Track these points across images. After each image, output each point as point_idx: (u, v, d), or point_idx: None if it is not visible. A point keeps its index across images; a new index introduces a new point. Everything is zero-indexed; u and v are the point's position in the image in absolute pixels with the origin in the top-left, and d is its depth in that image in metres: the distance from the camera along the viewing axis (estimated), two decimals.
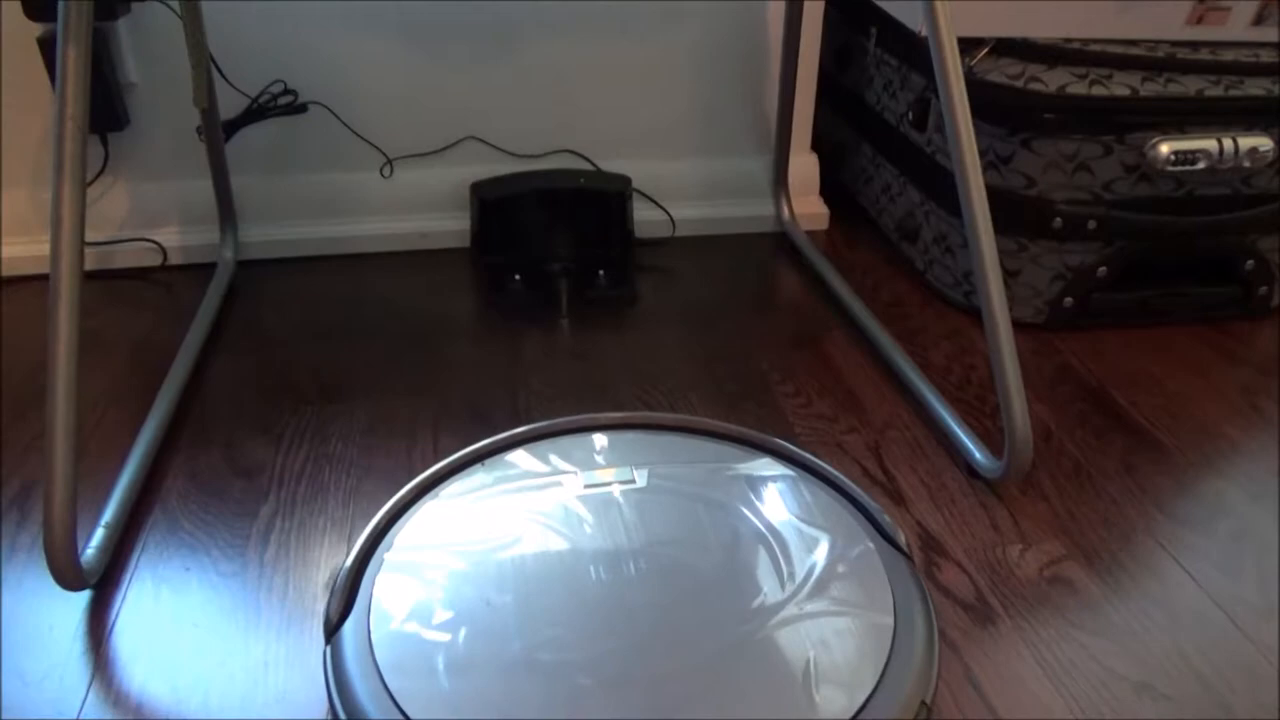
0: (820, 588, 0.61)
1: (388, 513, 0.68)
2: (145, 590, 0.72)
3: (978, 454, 0.84)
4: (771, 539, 0.65)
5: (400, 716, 0.53)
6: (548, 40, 1.16)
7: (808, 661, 0.56)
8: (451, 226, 1.21)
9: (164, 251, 1.16)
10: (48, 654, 0.67)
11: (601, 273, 1.15)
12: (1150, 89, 0.96)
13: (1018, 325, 1.04)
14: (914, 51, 1.11)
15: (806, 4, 1.14)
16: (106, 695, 0.64)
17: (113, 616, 0.70)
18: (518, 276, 1.14)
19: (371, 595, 0.61)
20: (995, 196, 0.98)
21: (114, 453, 0.85)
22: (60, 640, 0.68)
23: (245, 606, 0.71)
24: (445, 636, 0.58)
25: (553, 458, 0.72)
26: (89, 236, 1.14)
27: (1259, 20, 1.02)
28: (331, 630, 0.60)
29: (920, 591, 0.62)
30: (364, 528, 0.68)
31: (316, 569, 0.74)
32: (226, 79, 1.10)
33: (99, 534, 0.74)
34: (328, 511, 0.80)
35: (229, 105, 1.12)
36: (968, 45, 1.00)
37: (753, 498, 0.68)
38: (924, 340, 1.05)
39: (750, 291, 1.16)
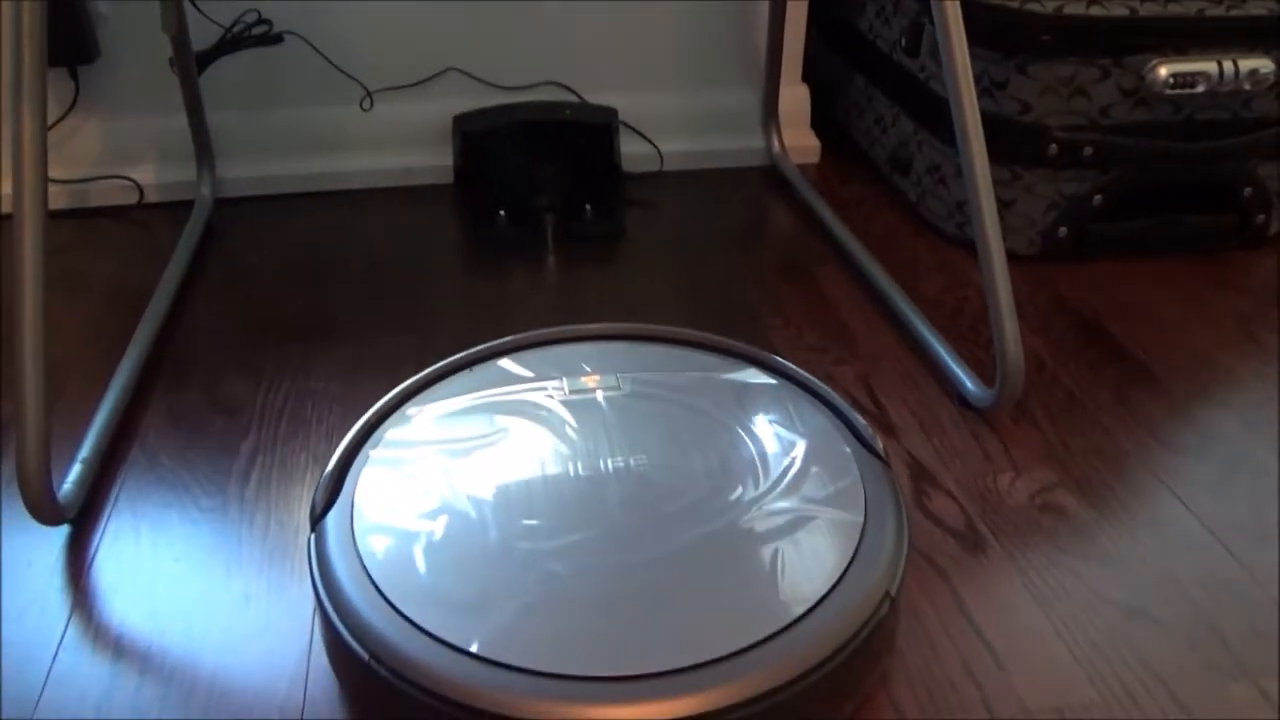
0: (794, 487, 0.62)
1: (375, 413, 0.68)
2: (125, 526, 0.71)
3: (969, 384, 0.83)
4: (750, 441, 0.65)
5: (379, 597, 0.54)
6: None
7: (776, 553, 0.57)
8: (434, 161, 1.18)
9: (140, 189, 1.14)
10: (26, 588, 0.66)
11: (588, 207, 1.13)
12: (1150, 9, 0.93)
13: (1011, 257, 1.01)
14: None
15: None
16: (86, 628, 0.63)
17: (92, 551, 0.69)
18: (502, 212, 1.11)
19: (355, 488, 0.62)
20: (989, 123, 0.95)
21: (91, 390, 0.83)
22: (39, 575, 0.67)
23: (226, 541, 0.70)
24: (424, 525, 0.59)
25: (539, 365, 0.73)
26: (63, 174, 1.12)
27: None
28: (316, 520, 0.61)
29: (893, 493, 0.62)
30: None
31: (298, 504, 0.73)
32: (198, 7, 1.07)
33: (76, 469, 0.73)
34: (309, 447, 0.79)
35: (202, 36, 1.08)
36: None
37: (734, 403, 0.69)
38: (916, 272, 1.04)
39: (740, 226, 1.14)
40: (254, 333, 0.93)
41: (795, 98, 1.25)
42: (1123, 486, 0.76)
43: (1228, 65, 0.94)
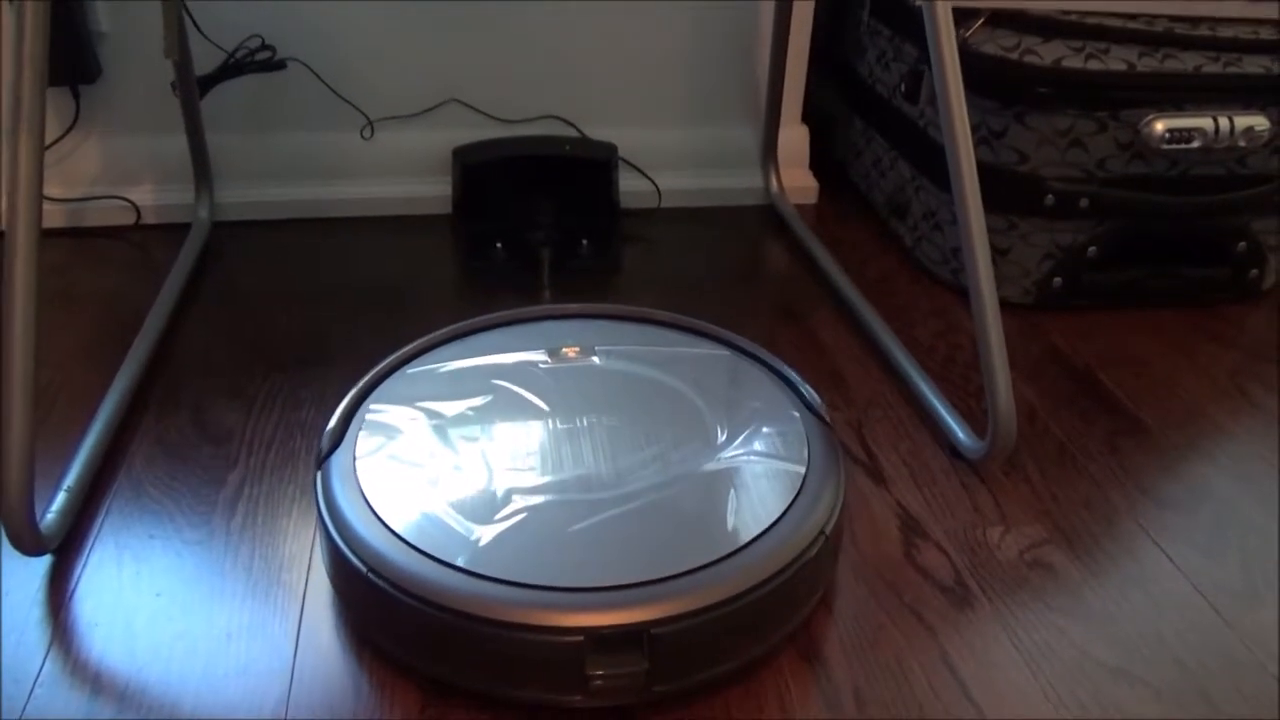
0: (746, 443, 0.70)
1: (376, 373, 0.77)
2: (108, 556, 0.70)
3: (961, 434, 0.83)
4: (709, 405, 0.73)
5: (376, 520, 0.63)
6: (536, 3, 1.13)
7: (726, 494, 0.65)
8: (432, 191, 1.18)
9: (137, 210, 1.14)
10: (4, 620, 0.65)
11: (585, 242, 1.13)
12: (1147, 64, 0.94)
13: (1005, 305, 1.02)
14: (908, 22, 1.08)
15: None
16: (64, 663, 0.62)
17: (73, 583, 0.68)
18: (499, 244, 1.12)
19: (358, 434, 0.70)
20: (986, 172, 0.96)
21: (79, 415, 0.83)
22: (17, 606, 0.66)
23: (210, 575, 0.69)
24: (417, 463, 0.67)
25: (525, 337, 0.81)
26: (60, 193, 1.12)
27: None
28: (322, 460, 0.69)
29: (834, 451, 0.70)
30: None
31: (283, 539, 0.72)
32: (202, 32, 1.07)
33: (60, 498, 0.73)
34: (297, 479, 0.78)
35: (205, 60, 1.08)
36: (962, 16, 0.97)
37: (697, 373, 0.77)
38: (910, 317, 1.04)
39: (736, 265, 1.14)
40: (246, 358, 0.93)
41: (794, 138, 1.26)
42: (1112, 542, 0.76)
43: (1223, 122, 0.95)
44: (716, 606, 0.58)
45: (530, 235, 1.13)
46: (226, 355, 0.93)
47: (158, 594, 0.68)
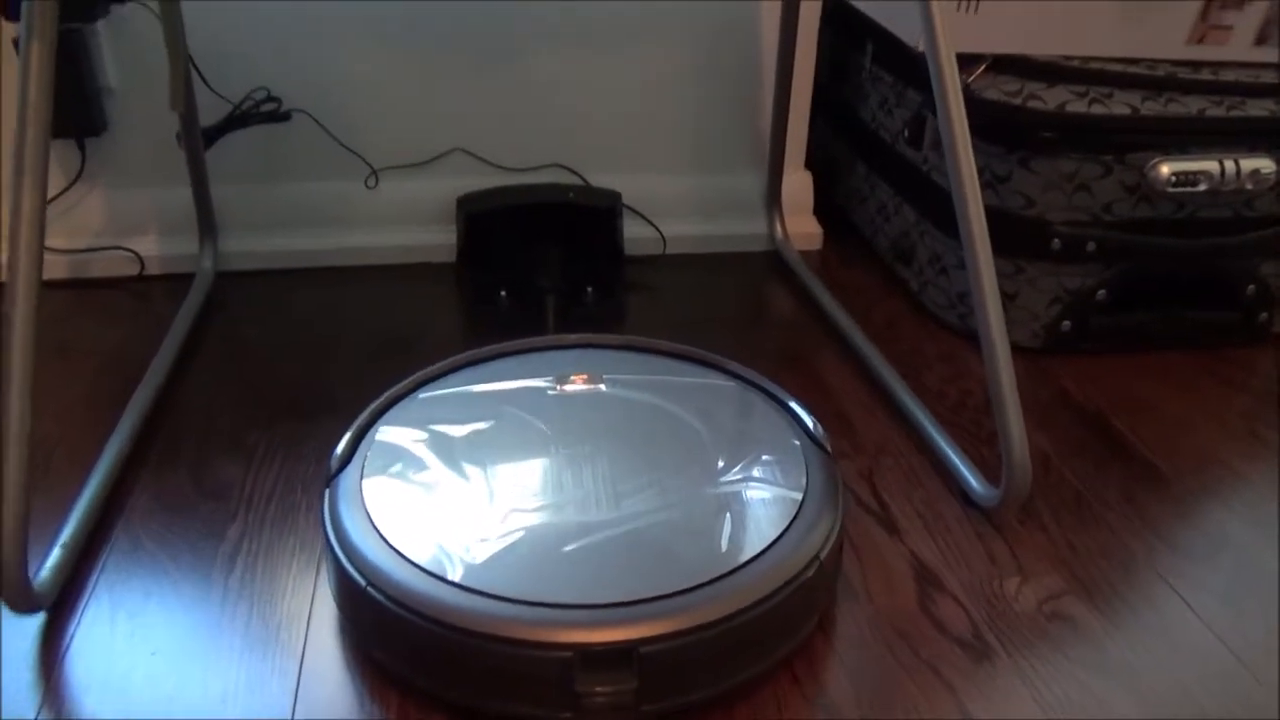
0: (745, 469, 0.71)
1: (384, 401, 0.78)
2: (102, 614, 0.69)
3: (974, 482, 0.82)
4: (710, 432, 0.74)
5: (377, 536, 0.64)
6: (539, 51, 1.14)
7: (722, 518, 0.66)
8: (437, 240, 1.18)
9: (141, 261, 1.13)
10: None
11: (590, 290, 1.12)
12: (1151, 108, 0.94)
13: (1014, 349, 1.01)
14: (910, 67, 1.09)
15: (801, 18, 1.13)
16: None
17: (66, 642, 0.67)
18: (504, 293, 1.11)
19: (366, 454, 0.72)
20: (992, 217, 0.95)
21: (77, 469, 0.82)
22: (9, 665, 0.64)
23: (206, 635, 0.67)
24: (422, 484, 0.69)
25: (533, 365, 0.83)
26: (65, 244, 1.11)
27: (1261, 40, 1.00)
28: (331, 478, 0.71)
29: (833, 478, 0.71)
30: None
31: (282, 597, 0.71)
32: (208, 84, 1.08)
33: (55, 554, 0.71)
34: (297, 533, 0.77)
35: (211, 111, 1.09)
36: (965, 62, 0.98)
37: (700, 401, 0.78)
38: (918, 363, 1.03)
39: (741, 311, 1.13)
40: (247, 410, 0.92)
41: (798, 184, 1.26)
42: (1132, 592, 0.74)
43: (1229, 165, 0.94)
44: (707, 627, 0.59)
45: (535, 283, 1.12)
46: (228, 407, 0.92)
47: (153, 653, 0.66)
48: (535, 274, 1.13)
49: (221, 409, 0.92)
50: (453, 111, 1.15)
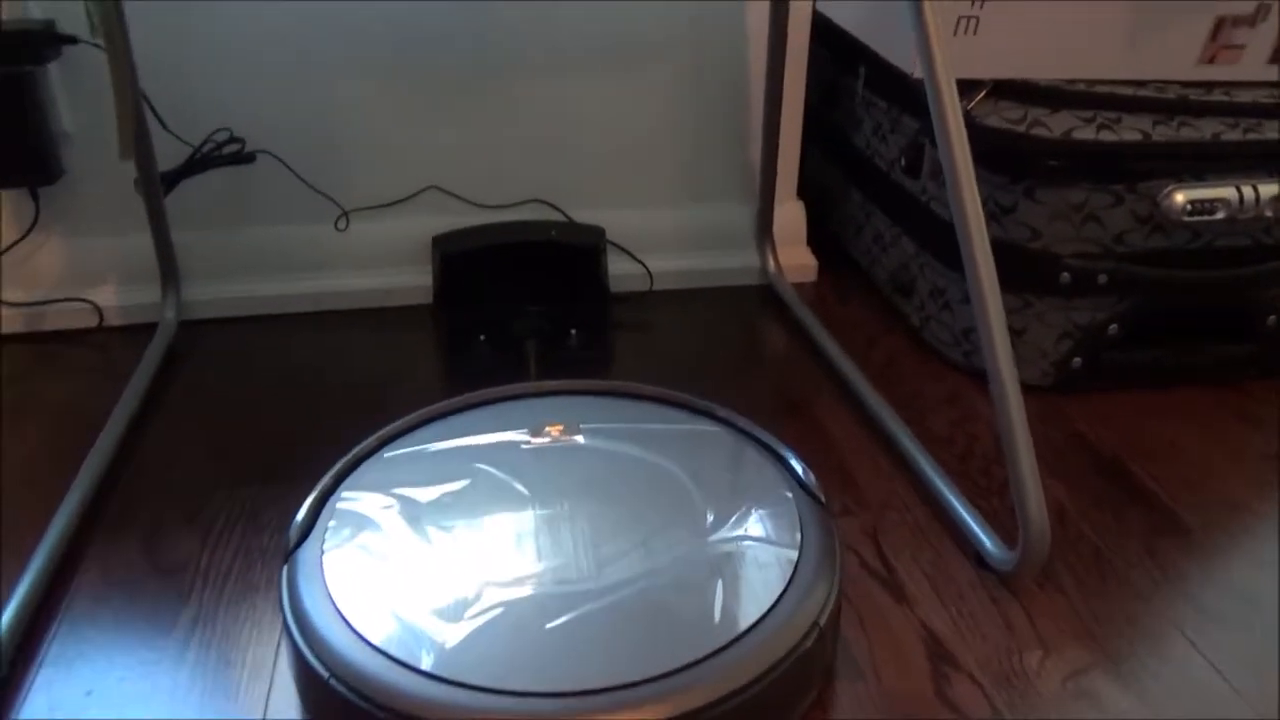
0: (735, 526, 0.66)
1: (346, 463, 0.73)
2: (38, 716, 0.63)
3: (987, 541, 0.76)
4: (697, 485, 0.70)
5: (341, 621, 0.59)
6: (515, 81, 1.09)
7: (712, 584, 0.62)
8: (412, 283, 1.12)
9: (100, 312, 1.08)
10: None
11: (574, 331, 1.07)
12: (1163, 133, 0.89)
13: (1023, 388, 0.96)
14: (905, 93, 1.04)
15: (790, 42, 1.07)
16: None
17: None
18: (483, 336, 1.06)
19: (327, 524, 0.67)
20: (997, 250, 0.90)
21: (23, 542, 0.76)
22: None
23: None
24: (388, 557, 0.64)
25: (506, 415, 0.78)
26: (19, 297, 1.06)
27: (1275, 59, 0.95)
28: (289, 553, 0.66)
29: (828, 533, 0.67)
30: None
31: (236, 692, 0.65)
32: (166, 126, 1.02)
33: None
34: (255, 617, 0.71)
35: (170, 155, 1.03)
36: (964, 87, 0.92)
37: (684, 451, 0.74)
38: (921, 405, 0.97)
39: (733, 350, 1.08)
40: (207, 475, 0.86)
41: (790, 214, 1.20)
42: (1161, 664, 0.68)
43: (1248, 191, 0.89)
44: (701, 711, 0.55)
45: (516, 325, 1.07)
46: (186, 471, 0.86)
47: None
48: (516, 317, 1.08)
49: (179, 474, 0.86)
50: (425, 147, 1.10)
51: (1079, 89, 0.91)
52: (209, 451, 0.89)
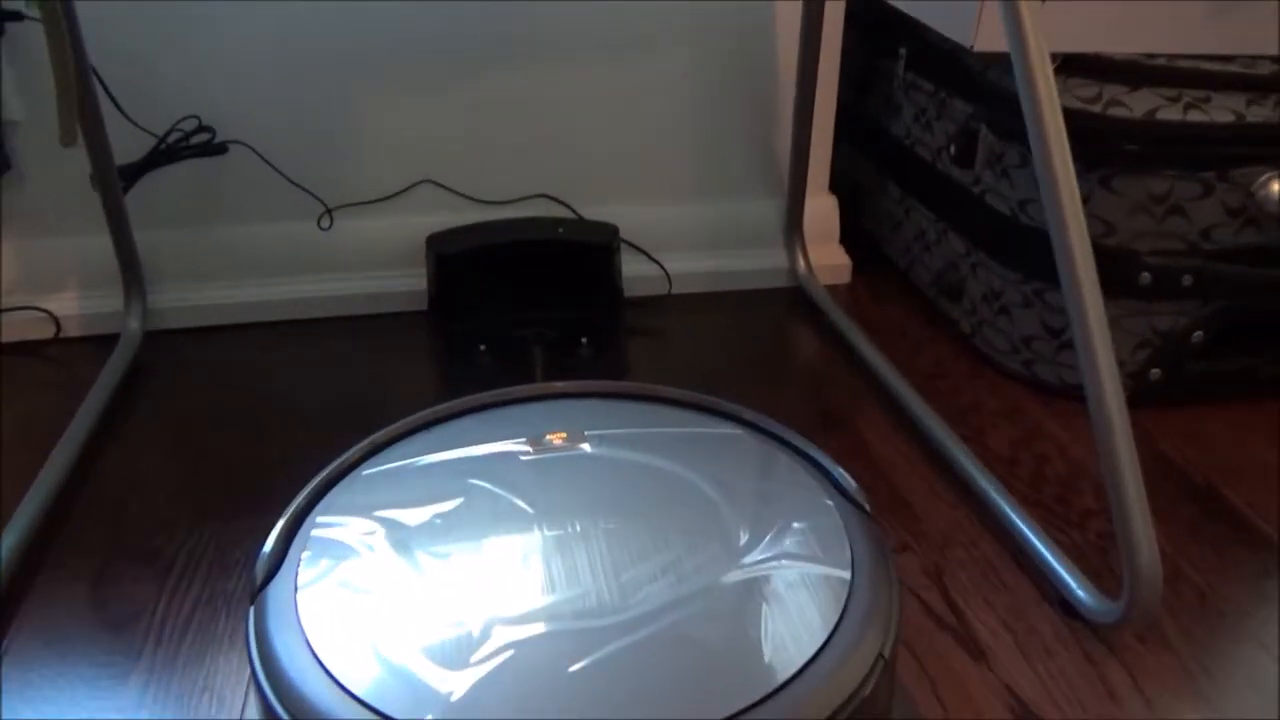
0: (774, 544, 0.58)
1: (321, 482, 0.63)
2: None
3: (1076, 587, 0.65)
4: (725, 497, 0.61)
5: (321, 672, 0.50)
6: (519, 65, 0.98)
7: (756, 614, 0.53)
8: (404, 287, 1.02)
9: (57, 322, 0.97)
10: None
11: (584, 340, 0.96)
12: (1258, 114, 0.78)
13: None
14: (955, 72, 0.93)
15: (826, 22, 0.97)
16: None
17: None
18: (483, 346, 0.95)
19: (301, 554, 0.57)
20: None
21: None
22: None
23: None
24: (375, 593, 0.55)
25: (503, 423, 0.69)
26: None
27: None
28: (256, 591, 0.56)
29: (880, 547, 0.58)
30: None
31: None
32: (125, 114, 0.91)
33: None
34: (213, 685, 0.60)
35: (132, 146, 0.93)
36: None
37: (708, 459, 0.65)
38: (978, 421, 0.86)
39: (762, 359, 0.97)
40: (169, 505, 0.75)
41: (822, 210, 1.10)
42: None
43: None
44: None
45: (519, 334, 0.96)
46: (145, 502, 0.76)
47: None
48: (519, 323, 0.98)
49: (139, 502, 0.75)
50: (419, 137, 0.99)
51: (1159, 64, 0.80)
52: (172, 479, 0.78)
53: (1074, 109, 0.79)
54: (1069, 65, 0.82)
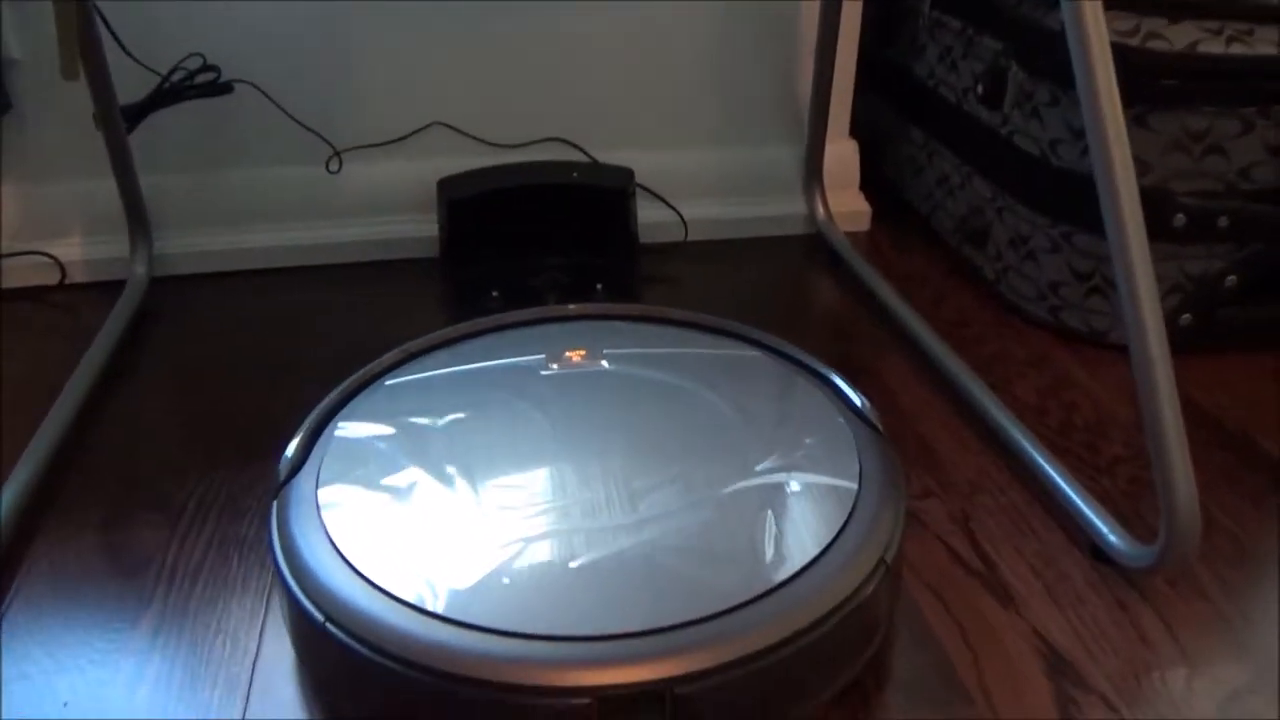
0: (785, 456, 0.59)
1: (344, 390, 0.66)
2: None
3: (1108, 532, 0.63)
4: (736, 413, 0.63)
5: (340, 560, 0.52)
6: (532, 4, 0.95)
7: (762, 518, 0.55)
8: (414, 233, 0.99)
9: (62, 267, 0.95)
10: None
11: (598, 287, 0.94)
12: None
13: (1122, 350, 0.83)
14: (985, 8, 0.90)
15: None
16: None
17: None
18: (496, 293, 0.93)
19: (323, 456, 0.60)
20: (1094, 187, 0.77)
21: None
22: None
23: None
24: (393, 491, 0.57)
25: (522, 341, 0.71)
26: None
27: None
28: (279, 487, 0.59)
29: (889, 462, 0.59)
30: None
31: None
32: (127, 51, 0.89)
33: None
34: (227, 627, 0.59)
35: (135, 85, 0.90)
36: None
37: (722, 378, 0.66)
38: (1004, 370, 0.84)
39: (780, 307, 0.95)
40: (179, 452, 0.73)
41: (842, 155, 1.07)
42: None
43: None
44: (755, 657, 0.47)
45: (533, 281, 0.94)
46: (154, 449, 0.74)
47: None
48: (533, 270, 0.95)
49: (146, 451, 0.74)
50: (429, 78, 0.96)
51: None
52: (179, 428, 0.77)
53: (1111, 42, 0.76)
54: None
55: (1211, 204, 0.78)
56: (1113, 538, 0.62)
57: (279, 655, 0.57)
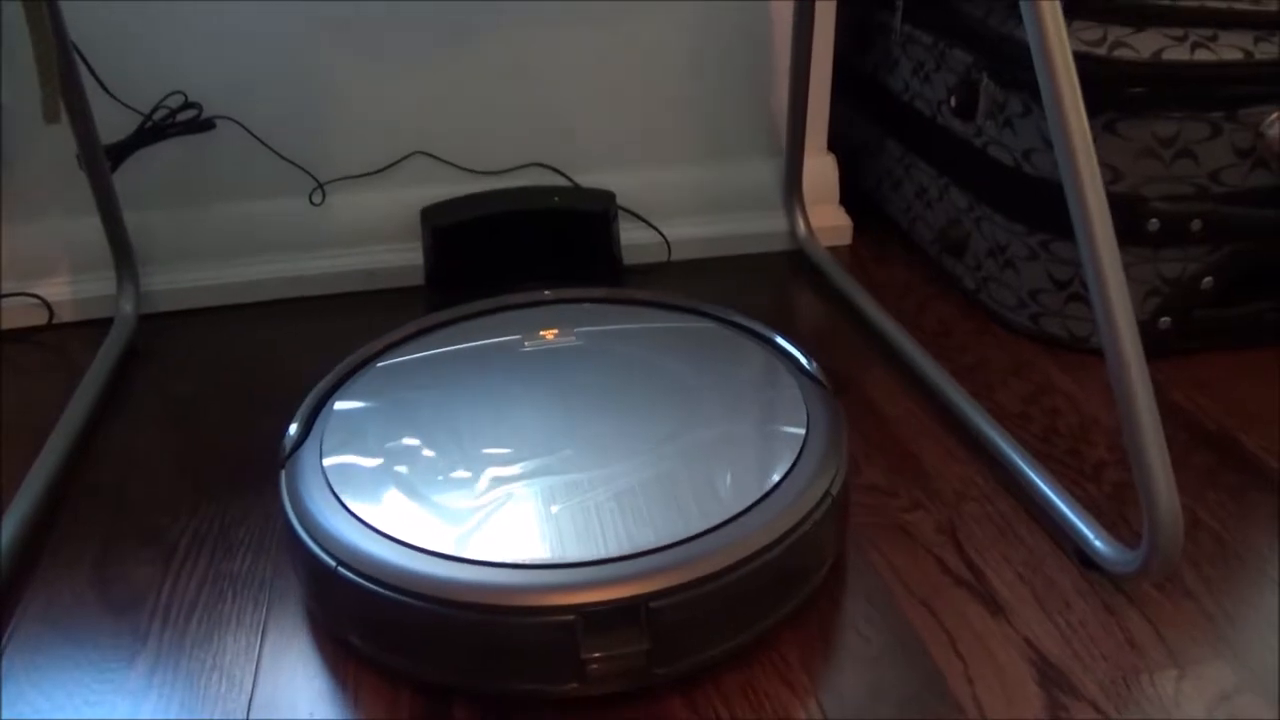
0: (740, 410, 0.66)
1: (339, 373, 0.72)
2: None
3: (1093, 538, 0.64)
4: (697, 377, 0.69)
5: (345, 512, 0.58)
6: (510, 32, 0.96)
7: (721, 461, 0.61)
8: (399, 261, 1.00)
9: (49, 308, 0.95)
10: None
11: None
12: (1267, 51, 0.76)
13: (1104, 354, 0.84)
14: (954, 23, 0.91)
15: None
16: None
17: None
18: None
19: (324, 429, 0.66)
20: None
21: None
22: None
23: None
24: (389, 453, 0.63)
25: (500, 324, 0.77)
26: None
27: None
28: (287, 456, 0.65)
29: (834, 413, 0.66)
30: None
31: None
32: (109, 91, 0.89)
33: None
34: (222, 664, 0.59)
35: (118, 124, 0.91)
36: None
37: (684, 348, 0.73)
38: (987, 377, 0.85)
39: (764, 322, 0.95)
40: (169, 488, 0.74)
41: (821, 170, 1.08)
42: None
43: None
44: (718, 575, 0.54)
45: None
46: (145, 485, 0.74)
47: None
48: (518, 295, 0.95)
49: (136, 488, 0.74)
50: (410, 108, 0.97)
51: (1164, 3, 0.79)
52: (170, 464, 0.77)
53: (1079, 52, 0.77)
54: (1072, 7, 0.80)
55: (1184, 208, 0.79)
56: (1098, 543, 0.63)
57: (275, 692, 0.57)
